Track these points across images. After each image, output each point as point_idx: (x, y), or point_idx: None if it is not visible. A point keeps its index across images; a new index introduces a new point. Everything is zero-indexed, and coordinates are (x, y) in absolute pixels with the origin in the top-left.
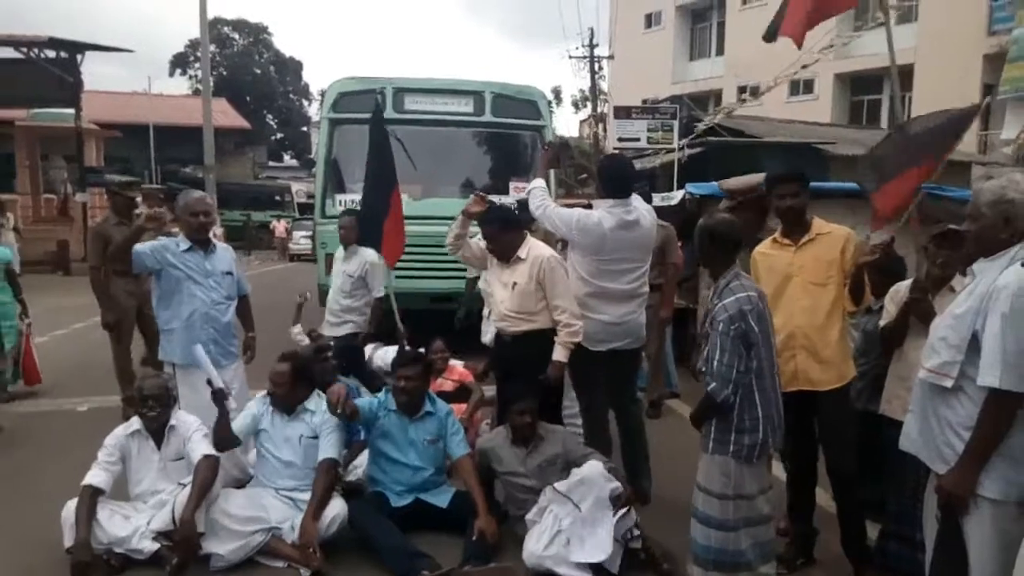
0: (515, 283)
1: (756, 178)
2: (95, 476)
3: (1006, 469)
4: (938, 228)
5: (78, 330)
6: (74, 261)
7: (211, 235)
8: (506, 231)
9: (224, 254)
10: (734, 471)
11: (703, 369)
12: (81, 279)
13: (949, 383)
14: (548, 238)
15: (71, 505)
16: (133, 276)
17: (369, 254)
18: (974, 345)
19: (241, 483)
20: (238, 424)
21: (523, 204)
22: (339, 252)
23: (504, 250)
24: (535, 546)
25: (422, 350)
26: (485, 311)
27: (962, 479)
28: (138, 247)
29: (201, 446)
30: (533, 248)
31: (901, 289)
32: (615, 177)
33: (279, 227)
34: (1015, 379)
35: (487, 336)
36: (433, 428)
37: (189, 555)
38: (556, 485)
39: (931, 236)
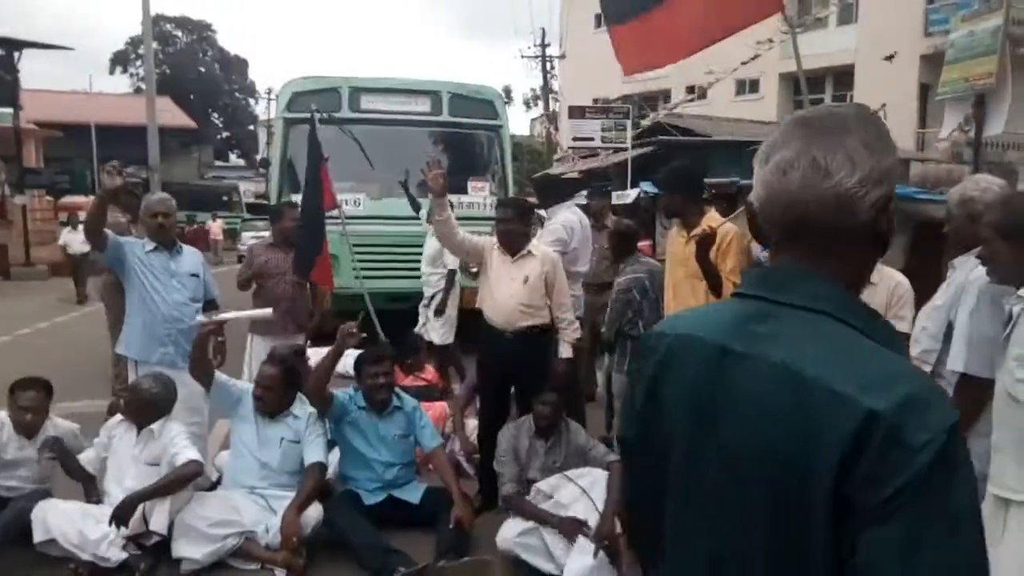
0: (527, 277)
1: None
2: (84, 454)
3: (977, 445)
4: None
5: (24, 336)
6: (13, 265)
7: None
8: (524, 220)
9: (191, 256)
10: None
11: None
12: (22, 284)
13: (928, 368)
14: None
15: (44, 505)
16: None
17: None
18: (950, 334)
19: (206, 489)
20: (229, 382)
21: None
22: None
23: (518, 241)
24: (509, 531)
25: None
26: (423, 306)
27: None
28: (111, 234)
29: (188, 451)
30: (538, 245)
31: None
32: (559, 187)
33: (214, 227)
34: (979, 365)
35: (438, 334)
36: (402, 423)
37: (124, 523)
38: (569, 472)
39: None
